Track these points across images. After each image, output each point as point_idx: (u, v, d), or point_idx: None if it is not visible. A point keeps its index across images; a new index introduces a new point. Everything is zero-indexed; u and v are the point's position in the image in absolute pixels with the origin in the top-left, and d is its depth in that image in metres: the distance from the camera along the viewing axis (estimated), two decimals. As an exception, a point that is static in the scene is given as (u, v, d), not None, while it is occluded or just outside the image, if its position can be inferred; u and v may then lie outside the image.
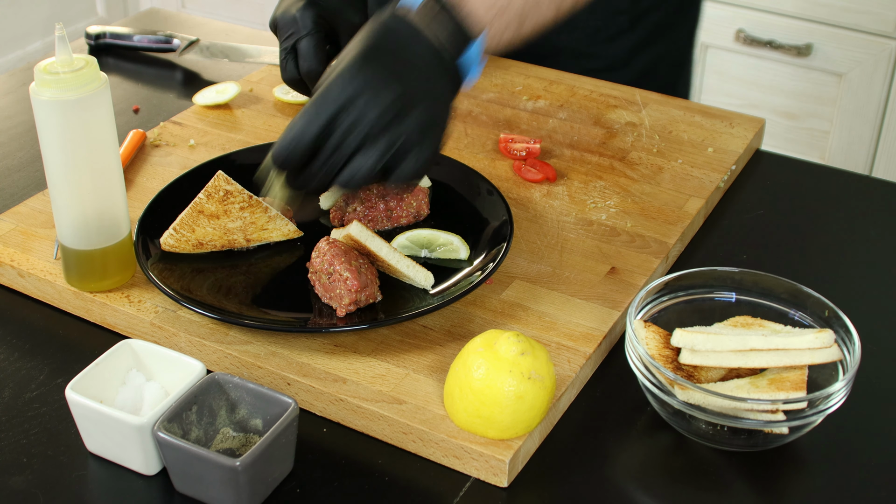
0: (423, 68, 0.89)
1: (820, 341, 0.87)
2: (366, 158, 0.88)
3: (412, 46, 0.90)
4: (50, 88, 0.90)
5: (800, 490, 0.86)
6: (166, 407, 0.82)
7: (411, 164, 0.89)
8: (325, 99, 0.88)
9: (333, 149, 0.88)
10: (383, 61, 0.89)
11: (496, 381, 0.82)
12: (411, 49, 0.90)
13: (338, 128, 0.88)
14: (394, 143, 0.88)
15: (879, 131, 2.49)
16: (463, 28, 0.90)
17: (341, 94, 0.88)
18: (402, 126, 0.88)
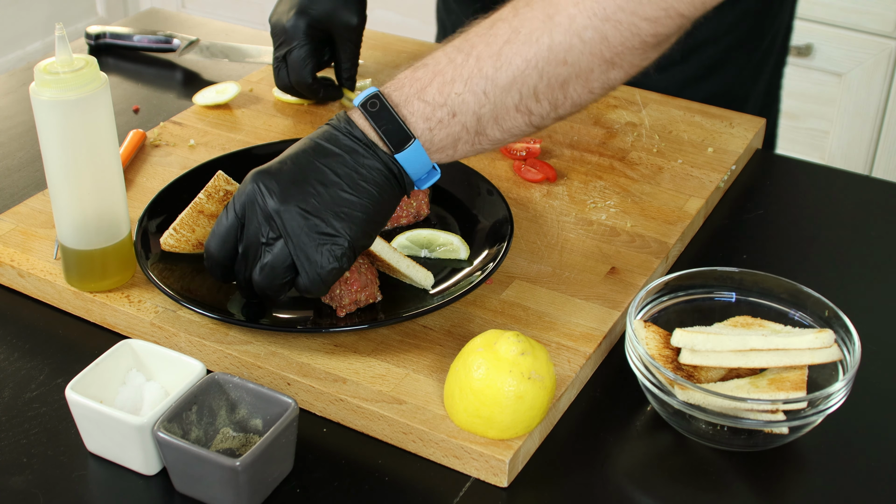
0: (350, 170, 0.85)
1: (820, 341, 0.87)
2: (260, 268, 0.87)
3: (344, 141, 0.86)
4: (50, 88, 0.90)
5: (800, 490, 0.86)
6: (166, 407, 0.82)
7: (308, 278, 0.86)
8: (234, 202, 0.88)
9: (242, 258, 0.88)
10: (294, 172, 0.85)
11: (496, 381, 0.82)
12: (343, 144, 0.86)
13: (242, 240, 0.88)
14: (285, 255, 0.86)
15: (879, 131, 2.49)
16: (400, 126, 0.85)
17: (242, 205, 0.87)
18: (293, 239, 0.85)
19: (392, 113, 0.84)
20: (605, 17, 0.82)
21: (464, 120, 0.85)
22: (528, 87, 0.84)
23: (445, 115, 0.84)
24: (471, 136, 0.86)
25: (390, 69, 1.44)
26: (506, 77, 0.83)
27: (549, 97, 0.85)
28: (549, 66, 0.83)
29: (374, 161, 0.85)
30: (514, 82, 0.83)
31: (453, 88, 0.84)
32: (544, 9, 0.83)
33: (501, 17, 0.85)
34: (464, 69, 0.84)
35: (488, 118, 0.85)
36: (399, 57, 1.47)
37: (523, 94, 0.84)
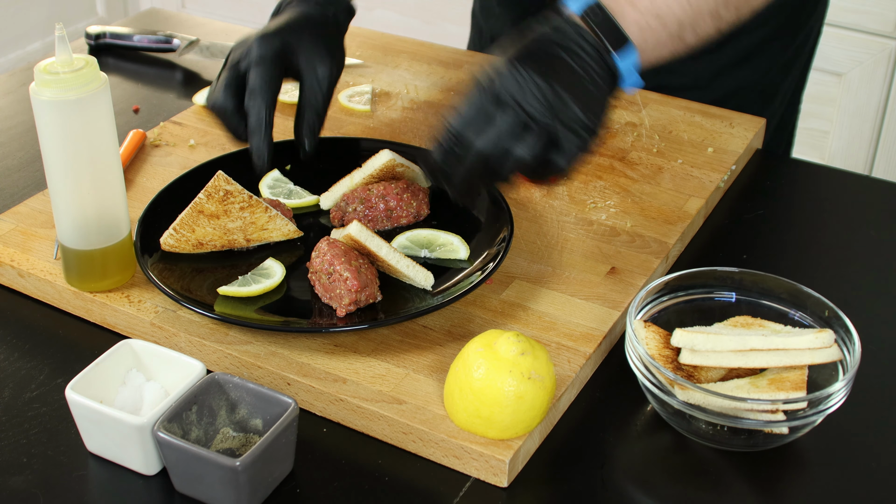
0: (582, 63, 0.91)
1: (820, 341, 0.87)
2: (524, 148, 0.89)
3: (576, 39, 0.91)
4: (50, 88, 0.90)
5: (800, 490, 0.86)
6: (166, 407, 0.82)
7: (563, 158, 0.90)
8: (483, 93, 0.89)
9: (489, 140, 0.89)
10: (542, 58, 0.90)
11: (496, 381, 0.82)
12: (576, 42, 0.91)
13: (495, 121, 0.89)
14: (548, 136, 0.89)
15: (879, 131, 2.49)
16: (618, 30, 0.92)
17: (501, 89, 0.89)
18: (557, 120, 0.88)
19: (612, 20, 0.92)
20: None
21: (669, 27, 0.94)
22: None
23: (655, 21, 0.94)
24: (672, 40, 0.96)
25: (390, 69, 1.44)
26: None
27: (736, 4, 0.97)
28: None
29: (601, 63, 0.92)
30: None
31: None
32: None
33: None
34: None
35: (688, 24, 0.95)
36: (399, 57, 1.47)
37: (718, 2, 0.96)
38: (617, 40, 0.92)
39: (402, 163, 1.10)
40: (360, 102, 1.34)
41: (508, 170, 0.90)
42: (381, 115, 1.32)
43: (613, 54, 0.92)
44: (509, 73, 0.89)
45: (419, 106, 1.35)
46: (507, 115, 0.88)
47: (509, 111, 0.88)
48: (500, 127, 0.88)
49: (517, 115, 0.88)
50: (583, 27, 0.92)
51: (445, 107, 0.92)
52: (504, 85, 0.89)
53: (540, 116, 0.88)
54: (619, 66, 0.92)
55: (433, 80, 1.40)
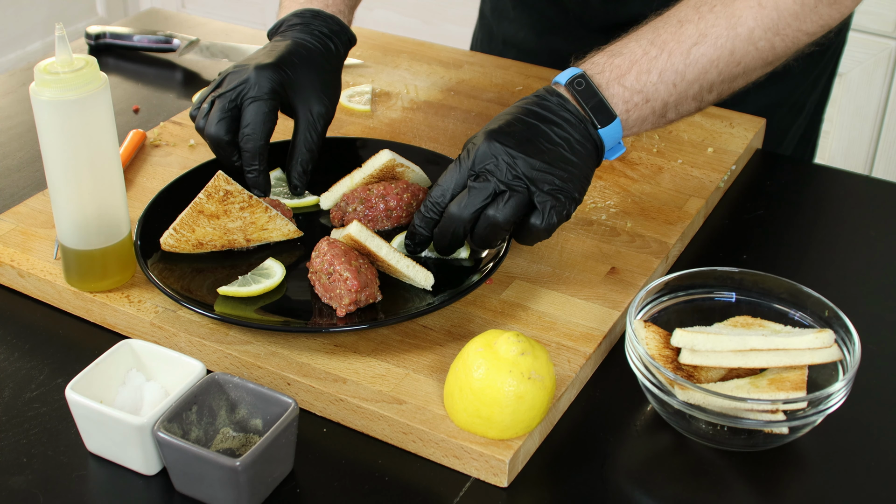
0: (563, 133, 0.96)
1: (820, 341, 0.87)
2: (496, 210, 0.93)
3: (557, 111, 0.96)
4: (50, 88, 0.90)
5: (800, 490, 0.86)
6: (166, 407, 0.82)
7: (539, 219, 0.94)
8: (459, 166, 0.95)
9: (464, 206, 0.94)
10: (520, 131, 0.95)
11: (496, 381, 0.82)
12: (557, 113, 0.96)
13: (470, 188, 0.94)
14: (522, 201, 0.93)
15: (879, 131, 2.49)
16: (604, 106, 0.96)
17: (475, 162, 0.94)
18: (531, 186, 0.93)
19: (598, 93, 0.96)
20: (776, 31, 0.98)
21: (654, 105, 0.98)
22: (707, 82, 0.99)
23: (640, 100, 0.98)
24: (655, 118, 1.00)
25: (390, 69, 1.44)
26: (693, 73, 0.98)
27: (719, 90, 1.01)
28: (727, 67, 0.99)
29: (584, 132, 0.96)
30: (699, 77, 0.98)
31: (649, 78, 0.97)
32: (727, 18, 0.98)
33: (688, 19, 0.99)
34: (658, 62, 0.97)
35: (672, 105, 0.99)
36: (399, 57, 1.47)
37: (702, 87, 0.99)
38: (603, 116, 0.96)
39: (402, 163, 1.10)
40: (360, 102, 1.34)
41: (485, 230, 0.94)
42: (381, 115, 1.32)
43: (599, 129, 0.96)
44: (485, 146, 0.94)
45: (419, 106, 1.35)
46: (480, 184, 0.93)
47: (482, 181, 0.93)
48: (473, 194, 0.94)
49: (489, 185, 0.93)
50: (569, 100, 0.97)
51: None
52: (479, 157, 0.94)
53: (514, 184, 0.93)
54: (604, 139, 0.97)
55: (433, 80, 1.40)
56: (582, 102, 0.96)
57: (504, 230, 0.95)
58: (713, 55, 0.97)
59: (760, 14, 0.97)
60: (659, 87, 0.97)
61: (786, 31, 0.98)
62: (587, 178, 0.97)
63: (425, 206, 0.97)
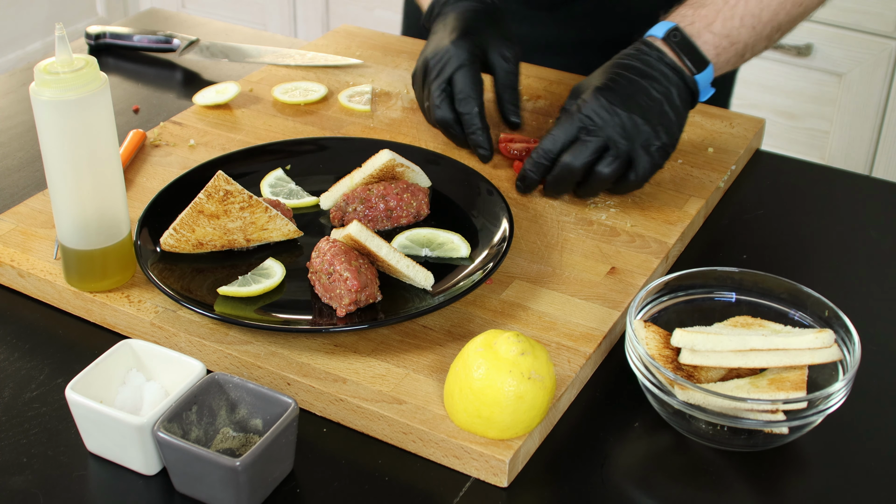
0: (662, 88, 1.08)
1: (820, 341, 0.87)
2: (604, 166, 1.07)
3: (657, 66, 1.09)
4: (50, 88, 0.90)
5: (800, 490, 0.86)
6: (166, 407, 0.82)
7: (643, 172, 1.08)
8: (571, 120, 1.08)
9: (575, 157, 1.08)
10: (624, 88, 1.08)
11: (496, 381, 0.82)
12: (657, 68, 1.09)
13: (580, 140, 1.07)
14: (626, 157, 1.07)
15: (879, 131, 2.49)
16: (698, 53, 1.09)
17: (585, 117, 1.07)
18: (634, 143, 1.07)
19: (692, 43, 1.09)
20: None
21: (737, 48, 1.11)
22: (777, 23, 1.12)
23: (727, 44, 1.11)
24: (736, 58, 1.13)
25: (390, 69, 1.44)
26: (767, 14, 1.11)
27: (784, 29, 1.14)
28: (793, 8, 1.12)
29: (680, 82, 1.09)
30: (772, 19, 1.12)
31: (733, 24, 1.10)
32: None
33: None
34: (738, 9, 1.10)
35: (750, 45, 1.12)
36: (399, 57, 1.47)
37: (773, 28, 1.13)
38: (697, 62, 1.09)
39: (402, 163, 1.10)
40: (360, 102, 1.34)
41: (592, 182, 1.09)
42: (381, 115, 1.32)
43: (695, 76, 1.09)
44: (594, 102, 1.07)
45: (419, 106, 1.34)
46: (590, 138, 1.07)
47: (593, 136, 1.07)
48: (584, 147, 1.07)
49: (599, 139, 1.06)
50: (666, 53, 1.09)
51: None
52: (588, 112, 1.07)
53: (619, 140, 1.06)
54: (699, 85, 1.09)
55: (433, 80, 1.40)
56: (679, 53, 1.08)
57: (607, 184, 1.09)
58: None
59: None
60: (741, 30, 1.10)
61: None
62: (681, 127, 1.09)
63: (537, 153, 1.10)
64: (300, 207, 1.12)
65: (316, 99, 1.36)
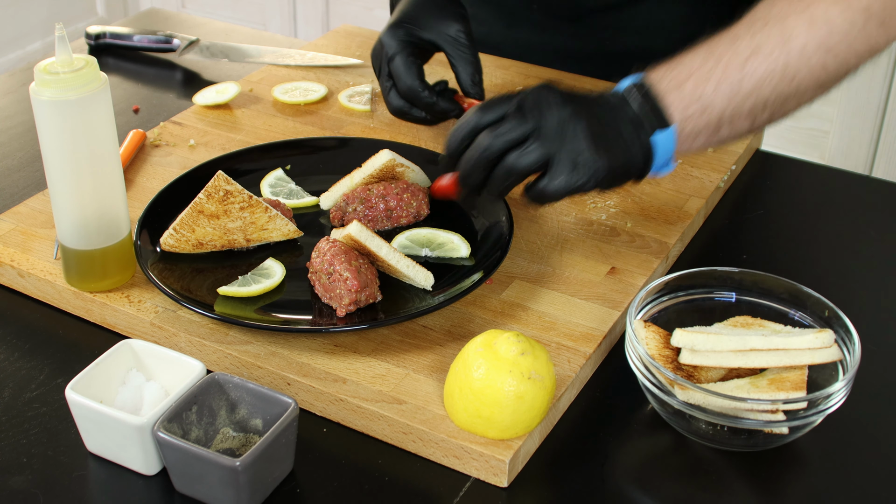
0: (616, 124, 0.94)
1: (820, 341, 0.87)
2: (520, 157, 0.92)
3: (616, 110, 0.95)
4: (50, 88, 0.90)
5: (800, 490, 0.86)
6: (166, 407, 0.82)
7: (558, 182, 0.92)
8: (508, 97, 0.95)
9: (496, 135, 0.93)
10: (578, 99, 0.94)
11: (496, 381, 0.82)
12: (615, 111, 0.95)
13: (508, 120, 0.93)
14: (551, 156, 0.92)
15: (879, 131, 2.49)
16: (661, 111, 0.95)
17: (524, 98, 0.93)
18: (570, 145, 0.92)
19: (656, 99, 0.95)
20: (828, 48, 0.97)
21: (709, 117, 0.96)
22: (761, 98, 0.97)
23: (697, 109, 0.96)
24: (709, 132, 0.97)
25: (390, 69, 1.44)
26: (748, 85, 0.96)
27: (772, 108, 0.98)
28: (780, 83, 0.97)
29: (637, 136, 0.94)
30: (753, 91, 0.96)
31: (706, 88, 0.95)
32: (780, 33, 0.97)
33: (740, 35, 0.97)
34: (714, 73, 0.96)
35: (727, 119, 0.97)
36: (399, 57, 1.47)
37: (756, 103, 0.97)
38: (659, 120, 0.95)
39: (402, 163, 1.10)
40: (360, 102, 1.34)
41: (498, 171, 0.93)
42: (381, 115, 1.32)
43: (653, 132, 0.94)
44: (543, 89, 0.94)
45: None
46: (519, 119, 0.92)
47: (520, 119, 0.92)
48: (509, 127, 0.92)
49: (528, 125, 0.92)
50: (629, 102, 0.95)
51: None
52: (531, 94, 0.93)
53: (546, 133, 0.92)
54: (657, 146, 0.95)
55: (433, 80, 1.40)
56: (641, 105, 0.95)
57: (517, 178, 0.93)
58: (767, 68, 0.96)
59: (812, 30, 0.97)
60: (715, 97, 0.96)
61: (837, 48, 0.98)
62: (617, 175, 0.94)
63: (463, 123, 0.96)
64: (300, 207, 1.12)
65: (316, 99, 1.36)
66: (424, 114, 1.17)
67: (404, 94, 1.15)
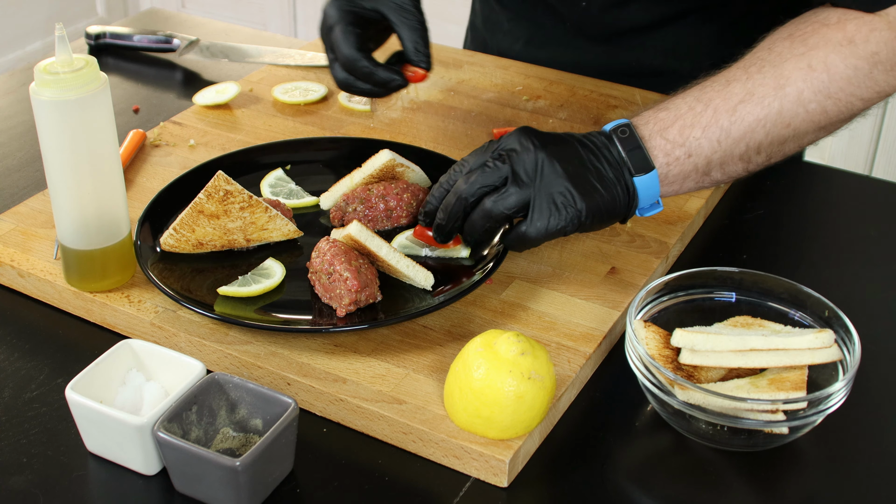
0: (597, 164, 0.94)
1: (820, 341, 0.87)
2: (497, 201, 0.93)
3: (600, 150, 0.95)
4: (50, 88, 0.90)
5: (800, 490, 0.86)
6: (166, 407, 0.82)
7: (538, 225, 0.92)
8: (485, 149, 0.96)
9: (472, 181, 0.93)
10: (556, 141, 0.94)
11: (496, 381, 0.82)
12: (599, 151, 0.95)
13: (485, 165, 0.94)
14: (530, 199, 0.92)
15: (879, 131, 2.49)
16: (644, 154, 0.94)
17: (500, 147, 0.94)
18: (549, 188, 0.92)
19: (639, 142, 0.94)
20: (827, 94, 0.96)
21: (696, 161, 0.96)
22: (754, 142, 0.96)
23: (682, 154, 0.95)
24: (698, 175, 0.97)
25: (390, 69, 1.44)
26: (738, 131, 0.95)
27: (768, 151, 0.98)
28: (775, 128, 0.96)
29: (619, 175, 0.94)
30: (744, 136, 0.96)
31: (692, 133, 0.95)
32: (776, 78, 0.96)
33: (735, 78, 0.97)
34: (702, 118, 0.95)
35: (716, 163, 0.97)
36: (399, 57, 1.47)
37: (749, 147, 0.96)
38: (641, 164, 0.94)
39: (402, 163, 1.10)
40: (360, 102, 1.34)
41: (478, 216, 0.94)
42: (381, 115, 1.32)
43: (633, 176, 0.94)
44: (518, 133, 0.94)
45: (419, 106, 1.35)
46: (495, 165, 0.93)
47: (499, 163, 0.93)
48: (485, 174, 0.93)
49: (504, 169, 0.93)
50: (614, 143, 0.95)
51: None
52: (506, 140, 0.94)
53: (523, 176, 0.92)
54: (638, 190, 0.95)
55: (433, 80, 1.40)
56: (623, 148, 0.94)
57: (495, 222, 0.93)
58: (760, 114, 0.95)
59: (810, 76, 0.95)
60: (702, 142, 0.95)
61: (838, 94, 0.96)
62: (599, 216, 0.94)
63: (443, 178, 0.97)
64: (300, 207, 1.12)
65: (316, 99, 1.36)
66: (369, 86, 1.12)
67: (344, 64, 1.11)
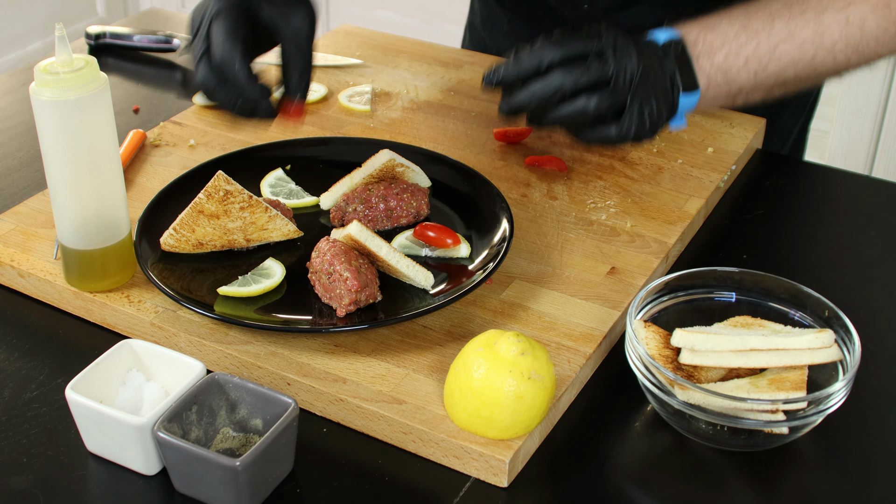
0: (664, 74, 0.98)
1: (820, 341, 0.87)
2: (596, 101, 0.94)
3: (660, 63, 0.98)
4: (50, 88, 0.90)
5: (800, 490, 0.86)
6: (166, 407, 0.82)
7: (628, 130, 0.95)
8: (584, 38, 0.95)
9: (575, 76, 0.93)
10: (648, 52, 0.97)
11: (496, 381, 0.82)
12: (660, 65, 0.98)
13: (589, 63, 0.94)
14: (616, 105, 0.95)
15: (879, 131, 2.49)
16: (693, 75, 0.99)
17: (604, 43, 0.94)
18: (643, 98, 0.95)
19: (691, 63, 0.99)
20: (856, 49, 1.02)
21: (730, 88, 1.02)
22: (782, 79, 1.02)
23: (722, 80, 1.01)
24: (725, 98, 1.03)
25: (390, 69, 1.44)
26: (774, 68, 1.01)
27: (787, 87, 1.04)
28: (804, 70, 1.02)
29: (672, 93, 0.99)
30: (778, 73, 1.02)
31: (735, 62, 1.00)
32: (816, 25, 1.01)
33: (779, 15, 1.02)
34: (746, 49, 1.00)
35: (745, 91, 1.02)
36: (399, 57, 1.47)
37: (777, 82, 1.02)
38: (689, 84, 0.99)
39: (402, 163, 1.10)
40: (360, 102, 1.34)
41: (572, 111, 0.94)
42: (381, 115, 1.32)
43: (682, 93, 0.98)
44: (627, 38, 0.95)
45: (419, 106, 1.35)
46: (601, 63, 0.94)
47: (605, 62, 0.94)
48: (590, 70, 0.93)
49: (608, 68, 0.93)
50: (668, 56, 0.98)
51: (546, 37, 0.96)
52: (612, 43, 0.95)
53: (624, 81, 0.94)
54: (680, 104, 0.99)
55: (433, 80, 1.40)
56: (676, 65, 0.98)
57: (583, 119, 0.95)
58: (796, 56, 1.01)
59: (846, 31, 1.01)
60: (742, 72, 1.00)
61: (864, 50, 1.02)
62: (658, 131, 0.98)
63: (526, 56, 0.95)
64: (300, 207, 1.12)
65: (316, 99, 1.36)
66: (232, 97, 0.98)
67: (217, 63, 0.95)
